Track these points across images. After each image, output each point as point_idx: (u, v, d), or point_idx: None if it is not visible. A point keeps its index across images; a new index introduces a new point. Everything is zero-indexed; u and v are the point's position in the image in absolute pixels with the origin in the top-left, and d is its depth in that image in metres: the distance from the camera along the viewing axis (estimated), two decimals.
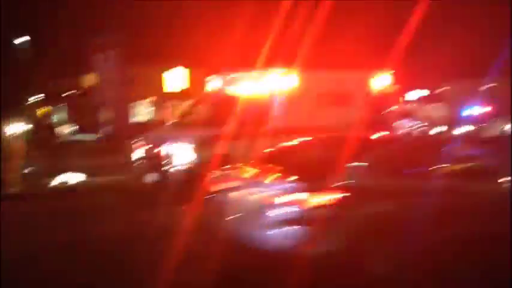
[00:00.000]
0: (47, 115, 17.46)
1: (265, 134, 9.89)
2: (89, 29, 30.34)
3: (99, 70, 32.22)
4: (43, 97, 33.69)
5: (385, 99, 11.39)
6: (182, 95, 29.08)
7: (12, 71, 37.27)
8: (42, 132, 15.77)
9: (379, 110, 10.37)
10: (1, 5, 24.54)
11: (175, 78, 33.14)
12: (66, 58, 33.09)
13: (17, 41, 37.62)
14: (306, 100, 10.55)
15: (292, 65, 11.06)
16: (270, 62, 10.55)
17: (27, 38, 33.74)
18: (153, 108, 35.28)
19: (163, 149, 9.26)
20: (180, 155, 9.05)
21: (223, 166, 9.05)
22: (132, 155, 10.15)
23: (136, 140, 10.27)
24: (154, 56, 31.70)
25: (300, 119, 10.35)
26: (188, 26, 26.24)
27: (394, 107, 12.87)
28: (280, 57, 11.30)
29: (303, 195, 4.90)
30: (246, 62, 12.04)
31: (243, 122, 9.68)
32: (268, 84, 10.38)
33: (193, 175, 8.75)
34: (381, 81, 11.43)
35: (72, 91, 34.57)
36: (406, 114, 18.05)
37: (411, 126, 19.58)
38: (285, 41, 13.10)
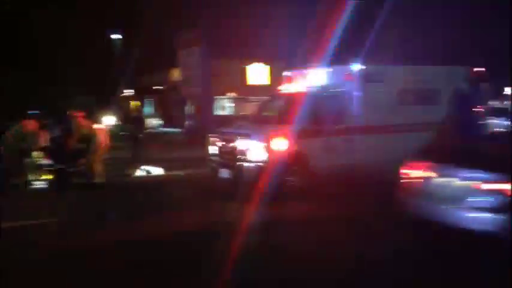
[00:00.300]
0: (136, 108, 18.20)
1: (343, 132, 9.62)
2: (175, 25, 31.40)
3: (185, 65, 33.22)
4: (133, 91, 35.43)
5: (474, 96, 10.56)
6: (264, 90, 29.29)
7: (106, 66, 39.69)
8: (131, 124, 16.46)
9: (468, 108, 9.62)
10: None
11: (257, 73, 33.39)
12: (155, 53, 34.58)
13: (112, 37, 39.96)
14: (387, 97, 10.10)
15: (372, 60, 10.63)
16: (349, 57, 10.20)
17: (119, 35, 35.70)
18: (235, 103, 35.87)
19: (238, 144, 9.25)
20: (254, 151, 8.98)
21: (297, 164, 8.98)
22: (208, 149, 10.28)
23: (212, 134, 10.39)
24: (238, 51, 32.17)
25: (380, 117, 9.95)
26: (270, 21, 26.27)
27: (487, 104, 11.95)
28: (359, 52, 10.93)
29: (507, 185, 5.27)
30: (323, 57, 11.78)
31: (319, 119, 9.47)
32: (347, 80, 10.04)
33: (265, 172, 8.74)
34: (469, 76, 10.68)
35: (160, 85, 36.03)
36: (502, 112, 16.61)
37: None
38: (365, 35, 12.66)
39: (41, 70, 45.82)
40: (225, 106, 37.39)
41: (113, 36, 39.79)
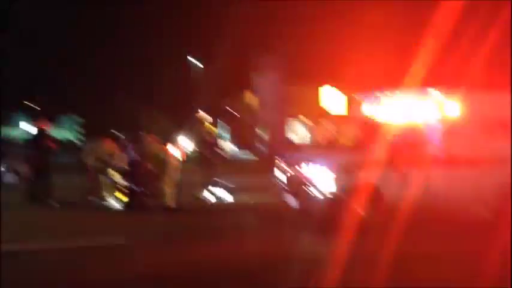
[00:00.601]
0: (210, 132, 18.48)
1: (422, 164, 9.04)
2: (249, 50, 31.94)
3: (260, 88, 33.60)
4: (208, 114, 36.27)
5: None
6: (338, 116, 28.91)
7: (184, 90, 41.11)
8: (204, 148, 16.72)
9: None
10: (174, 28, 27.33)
11: (333, 98, 33.03)
12: (231, 77, 35.35)
13: (189, 61, 41.43)
14: (468, 126, 9.42)
15: (452, 86, 10.01)
16: (427, 82, 9.66)
17: (195, 58, 36.90)
18: (308, 128, 35.66)
19: (305, 171, 9.00)
20: (322, 179, 8.69)
21: (369, 195, 8.54)
22: (276, 174, 10.13)
23: (280, 159, 10.23)
24: (313, 75, 32.06)
25: (460, 148, 9.28)
26: (345, 46, 25.93)
27: None
28: (438, 76, 10.33)
29: None
30: (400, 81, 11.29)
31: (393, 148, 9.01)
32: (424, 107, 9.52)
33: (334, 202, 8.41)
34: None
35: (235, 109, 36.60)
36: None
37: None
38: (444, 58, 11.99)
39: (126, 92, 48.38)
40: (299, 131, 37.31)
41: (191, 59, 41.17)
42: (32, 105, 72.18)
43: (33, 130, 12.24)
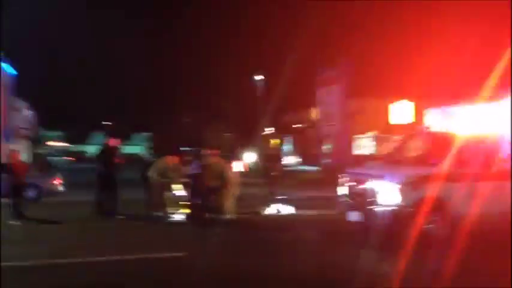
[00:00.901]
0: (274, 146, 18.52)
1: (492, 177, 8.46)
2: (315, 65, 31.88)
3: (324, 103, 33.27)
4: (273, 129, 36.45)
5: None
6: (408, 129, 27.98)
7: (251, 106, 41.62)
8: (267, 161, 16.74)
9: None
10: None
11: (400, 112, 32.04)
12: (295, 92, 35.40)
13: (255, 79, 41.98)
14: None
15: None
16: (497, 94, 9.10)
17: (261, 75, 37.28)
18: (375, 141, 34.78)
19: (369, 186, 8.67)
20: (387, 194, 8.32)
21: (436, 210, 8.11)
22: (339, 189, 9.86)
23: (344, 173, 9.95)
24: (379, 88, 31.38)
25: None
26: (413, 58, 25.14)
27: None
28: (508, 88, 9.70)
29: None
30: (471, 94, 10.71)
31: (464, 161, 8.49)
32: (494, 119, 8.93)
33: (400, 218, 8.03)
34: None
35: (299, 124, 36.55)
36: None
37: None
38: None
39: (193, 110, 49.86)
40: (365, 145, 36.50)
41: (256, 77, 41.68)
42: (108, 123, 76.31)
43: (101, 147, 12.75)
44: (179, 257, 7.68)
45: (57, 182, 16.44)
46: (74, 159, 50.39)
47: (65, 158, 49.75)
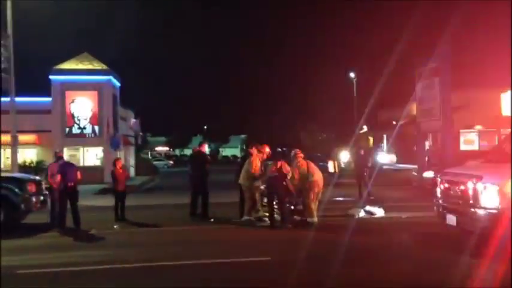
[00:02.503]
0: (366, 145, 17.80)
1: None
2: (413, 59, 30.35)
3: (424, 97, 31.51)
4: (366, 127, 35.34)
5: None
6: None
7: (346, 105, 40.77)
8: (360, 161, 16.22)
9: None
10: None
11: (507, 103, 29.35)
12: (394, 88, 33.99)
13: (350, 77, 41.06)
14: None
15: None
16: None
17: (357, 74, 36.33)
18: (484, 136, 32.33)
19: (467, 187, 7.95)
20: (487, 195, 7.58)
21: None
22: (436, 190, 9.20)
23: (442, 173, 9.26)
24: (485, 78, 29.05)
25: None
26: None
27: None
28: None
29: None
30: None
31: None
32: None
33: (503, 221, 7.28)
34: None
35: (398, 120, 35.03)
36: None
37: None
38: None
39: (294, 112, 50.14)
40: (472, 140, 34.00)
41: (351, 75, 40.79)
42: (207, 127, 79.09)
43: (192, 152, 13.10)
44: (264, 261, 7.65)
45: None
46: (172, 162, 53.03)
47: (166, 161, 52.59)
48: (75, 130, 28.27)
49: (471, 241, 7.45)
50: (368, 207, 12.01)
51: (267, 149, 11.59)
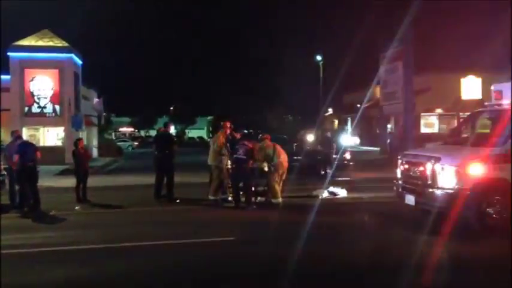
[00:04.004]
0: (329, 128, 18.09)
1: None
2: (376, 42, 30.72)
3: (387, 81, 32.07)
4: (332, 110, 35.80)
5: None
6: (477, 106, 26.45)
7: (312, 88, 41.00)
8: (324, 143, 16.45)
9: None
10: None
11: (469, 87, 30.26)
12: (357, 72, 34.43)
13: (317, 60, 41.22)
14: None
15: None
16: None
17: (321, 56, 36.53)
18: (443, 119, 33.29)
19: (426, 169, 8.21)
20: (445, 176, 7.85)
21: (497, 192, 7.58)
22: (396, 171, 9.45)
23: (402, 156, 9.51)
24: (446, 63, 29.78)
25: None
26: (481, 29, 23.54)
27: None
28: None
29: None
30: None
31: None
32: None
33: (459, 201, 7.57)
34: None
35: (361, 104, 35.64)
36: None
37: None
38: None
39: (261, 94, 50.04)
40: (432, 123, 34.94)
41: (317, 57, 40.94)
42: (173, 108, 78.17)
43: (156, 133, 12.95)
44: (230, 240, 7.70)
45: None
46: (137, 144, 52.21)
47: (131, 142, 51.78)
48: (35, 109, 27.38)
49: (428, 220, 7.72)
50: (331, 188, 12.22)
51: (228, 125, 11.59)
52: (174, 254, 7.08)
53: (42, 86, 27.41)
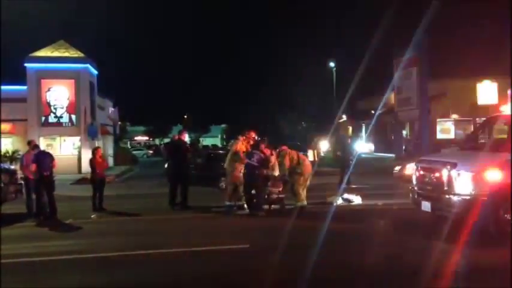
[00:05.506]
0: (346, 134, 17.94)
1: None
2: (391, 50, 30.57)
3: (402, 87, 31.86)
4: (345, 117, 35.58)
5: None
6: (493, 111, 26.11)
7: (325, 94, 40.89)
8: (339, 150, 16.34)
9: None
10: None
11: (485, 92, 29.87)
12: (372, 78, 34.21)
13: (330, 66, 41.14)
14: None
15: None
16: None
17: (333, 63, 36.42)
18: (459, 125, 32.88)
19: (442, 175, 8.11)
20: (462, 182, 7.74)
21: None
22: (413, 178, 9.35)
23: (418, 161, 9.41)
24: (462, 69, 29.45)
25: None
26: (498, 34, 23.27)
27: None
28: None
29: None
30: None
31: None
32: None
33: (476, 207, 7.45)
34: None
35: (376, 110, 35.41)
36: None
37: None
38: None
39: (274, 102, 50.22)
40: (448, 129, 34.54)
41: (331, 64, 40.86)
42: (187, 116, 78.54)
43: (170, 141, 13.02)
44: (244, 248, 7.67)
45: None
46: (152, 152, 52.54)
47: (146, 151, 52.17)
48: (52, 119, 27.76)
49: (445, 227, 7.62)
50: (346, 195, 12.14)
51: (253, 135, 11.65)
52: (190, 262, 7.09)
53: (59, 96, 27.80)
